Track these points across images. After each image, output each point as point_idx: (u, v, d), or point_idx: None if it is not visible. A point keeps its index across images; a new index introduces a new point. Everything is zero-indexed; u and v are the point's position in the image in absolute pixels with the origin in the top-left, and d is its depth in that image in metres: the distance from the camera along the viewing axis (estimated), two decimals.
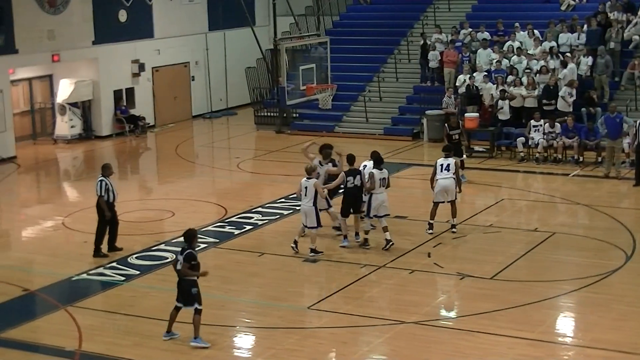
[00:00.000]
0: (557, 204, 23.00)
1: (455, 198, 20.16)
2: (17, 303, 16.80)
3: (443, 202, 20.07)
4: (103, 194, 18.93)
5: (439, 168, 20.06)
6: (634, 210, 22.55)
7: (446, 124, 25.19)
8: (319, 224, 18.66)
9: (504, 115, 28.44)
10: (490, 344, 14.23)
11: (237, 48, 37.96)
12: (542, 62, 29.60)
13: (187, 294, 14.33)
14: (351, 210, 19.29)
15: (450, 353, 14.00)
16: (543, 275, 17.44)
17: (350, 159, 19.66)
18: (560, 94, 27.96)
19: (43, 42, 30.81)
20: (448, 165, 19.96)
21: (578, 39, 30.92)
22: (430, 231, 20.03)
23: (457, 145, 24.01)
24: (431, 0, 37.24)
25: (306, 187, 18.45)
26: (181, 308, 14.49)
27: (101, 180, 18.99)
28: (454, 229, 20.15)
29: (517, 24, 32.23)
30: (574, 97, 27.95)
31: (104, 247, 19.25)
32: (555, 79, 28.42)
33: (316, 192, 18.44)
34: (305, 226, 18.80)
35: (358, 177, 19.04)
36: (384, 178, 19.03)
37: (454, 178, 19.98)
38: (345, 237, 19.38)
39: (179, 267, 14.37)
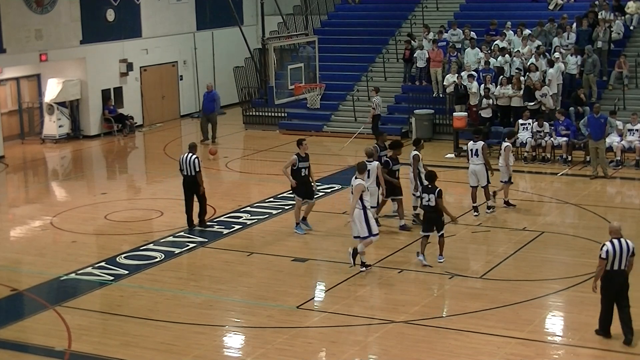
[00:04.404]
0: (546, 203, 23.04)
1: (488, 182, 21.18)
2: (6, 303, 16.76)
3: (477, 186, 21.24)
4: (200, 170, 20.34)
5: (469, 153, 21.24)
6: (623, 209, 22.61)
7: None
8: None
9: (487, 113, 28.49)
10: (479, 343, 14.24)
11: (225, 47, 37.94)
12: (531, 61, 29.58)
13: (437, 222, 17.67)
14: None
15: (440, 352, 14.00)
16: (532, 274, 17.45)
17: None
18: (537, 98, 27.95)
19: (31, 42, 30.72)
20: (476, 150, 20.97)
21: (568, 38, 30.96)
22: (476, 214, 21.22)
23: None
24: None
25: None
26: (429, 236, 17.73)
27: (196, 157, 20.38)
28: (487, 211, 21.35)
29: (508, 24, 32.24)
30: (548, 97, 27.92)
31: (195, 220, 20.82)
32: (532, 82, 28.35)
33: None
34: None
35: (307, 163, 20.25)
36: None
37: (484, 164, 20.96)
38: (298, 224, 20.36)
39: (425, 203, 17.63)
